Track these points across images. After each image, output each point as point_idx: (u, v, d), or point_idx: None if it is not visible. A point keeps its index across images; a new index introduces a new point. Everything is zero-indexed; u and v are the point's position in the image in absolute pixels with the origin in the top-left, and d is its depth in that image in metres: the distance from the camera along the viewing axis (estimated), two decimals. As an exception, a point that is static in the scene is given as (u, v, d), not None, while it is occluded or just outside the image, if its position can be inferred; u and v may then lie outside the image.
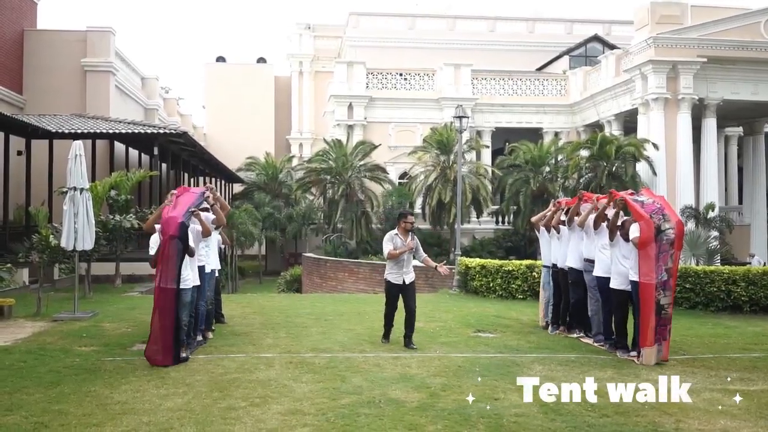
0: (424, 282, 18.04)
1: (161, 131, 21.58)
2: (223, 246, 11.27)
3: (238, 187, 39.33)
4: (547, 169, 28.05)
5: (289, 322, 11.51)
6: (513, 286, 15.17)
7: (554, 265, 10.83)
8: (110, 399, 6.51)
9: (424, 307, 13.60)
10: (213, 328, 10.21)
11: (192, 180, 30.69)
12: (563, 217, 10.58)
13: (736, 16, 25.81)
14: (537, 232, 11.64)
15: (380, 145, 30.07)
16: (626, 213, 9.26)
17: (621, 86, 28.40)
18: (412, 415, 6.13)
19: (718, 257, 21.48)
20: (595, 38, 38.10)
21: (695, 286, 13.98)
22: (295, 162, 38.82)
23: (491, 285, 15.42)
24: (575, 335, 10.37)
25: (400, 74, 33.18)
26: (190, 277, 8.51)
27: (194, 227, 8.74)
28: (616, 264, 9.00)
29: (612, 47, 34.19)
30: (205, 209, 9.23)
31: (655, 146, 25.01)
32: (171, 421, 5.84)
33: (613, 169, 24.90)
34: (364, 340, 9.92)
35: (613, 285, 9.05)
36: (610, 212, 9.24)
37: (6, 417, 5.90)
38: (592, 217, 9.60)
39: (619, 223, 9.01)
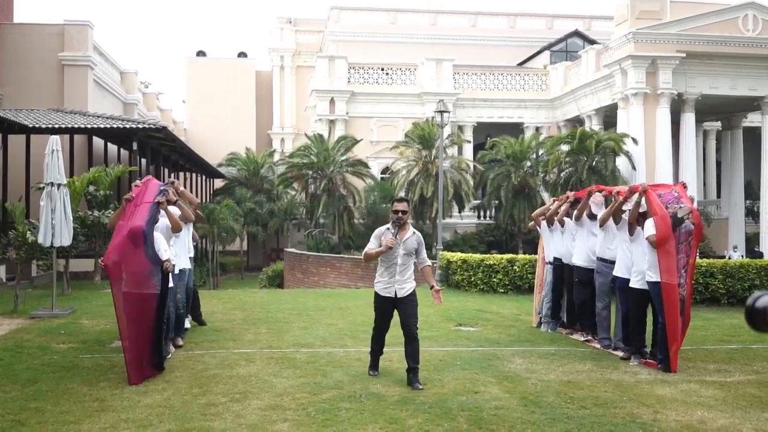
0: (406, 277, 18.03)
1: (140, 126, 21.40)
2: (194, 243, 10.50)
3: (219, 183, 39.09)
4: (528, 163, 28.15)
5: (271, 318, 11.48)
6: (494, 280, 15.26)
7: (556, 260, 10.42)
8: (88, 396, 6.46)
9: (420, 305, 13.67)
10: (183, 335, 9.32)
11: (172, 176, 30.46)
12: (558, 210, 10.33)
13: (715, 12, 26.01)
14: (538, 228, 11.11)
15: (362, 140, 30.05)
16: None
17: (601, 81, 28.54)
18: (392, 409, 6.13)
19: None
20: (576, 33, 38.27)
21: (674, 279, 14.08)
22: (276, 157, 38.64)
23: (472, 279, 15.48)
24: (582, 338, 9.85)
25: (382, 69, 33.12)
26: (175, 263, 8.17)
27: (163, 222, 8.05)
28: (637, 261, 8.35)
29: (592, 42, 34.33)
30: (170, 202, 8.36)
31: (635, 141, 25.17)
32: (150, 418, 5.80)
33: (594, 163, 25.03)
34: (345, 335, 9.91)
35: (633, 284, 8.35)
36: (627, 205, 8.72)
37: (-18, 415, 5.83)
38: (623, 216, 8.78)
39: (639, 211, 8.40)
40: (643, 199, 8.38)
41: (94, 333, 9.88)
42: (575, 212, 9.87)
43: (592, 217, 9.55)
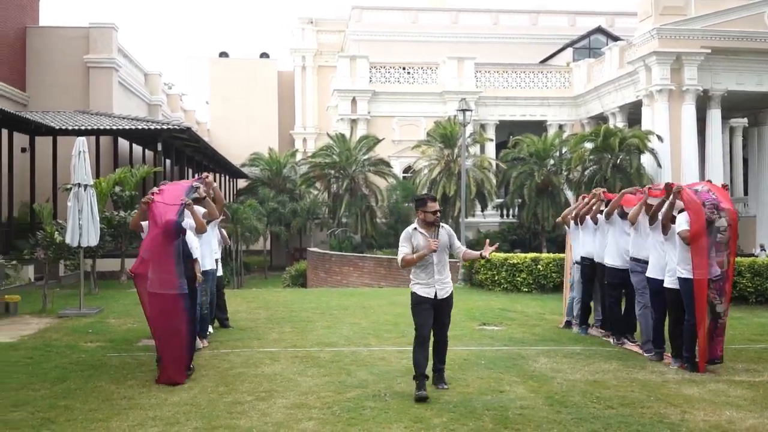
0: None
1: (165, 127, 21.59)
2: (221, 244, 10.26)
3: (242, 183, 39.33)
4: (552, 161, 27.96)
5: (294, 317, 11.53)
6: (518, 279, 15.19)
7: (585, 259, 10.07)
8: (116, 394, 6.53)
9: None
10: (208, 334, 9.25)
11: (196, 176, 30.62)
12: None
13: (741, 7, 25.66)
14: (566, 227, 10.83)
15: (384, 139, 30.05)
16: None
17: (625, 78, 28.29)
18: (417, 408, 6.13)
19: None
20: (599, 30, 37.96)
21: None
22: (299, 157, 38.81)
23: (496, 278, 15.42)
24: (614, 342, 9.39)
25: (403, 68, 33.13)
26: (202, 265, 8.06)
27: (188, 222, 7.75)
28: (671, 260, 8.03)
29: (615, 39, 34.04)
30: (196, 200, 8.10)
31: (660, 138, 24.92)
32: (177, 416, 5.85)
33: (618, 161, 24.82)
34: (369, 334, 9.92)
35: (666, 284, 8.08)
36: (653, 200, 8.53)
37: (13, 413, 5.92)
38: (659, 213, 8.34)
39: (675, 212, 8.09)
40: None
41: (121, 332, 9.98)
42: (606, 209, 9.57)
43: (624, 215, 9.22)
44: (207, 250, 8.94)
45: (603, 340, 9.65)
